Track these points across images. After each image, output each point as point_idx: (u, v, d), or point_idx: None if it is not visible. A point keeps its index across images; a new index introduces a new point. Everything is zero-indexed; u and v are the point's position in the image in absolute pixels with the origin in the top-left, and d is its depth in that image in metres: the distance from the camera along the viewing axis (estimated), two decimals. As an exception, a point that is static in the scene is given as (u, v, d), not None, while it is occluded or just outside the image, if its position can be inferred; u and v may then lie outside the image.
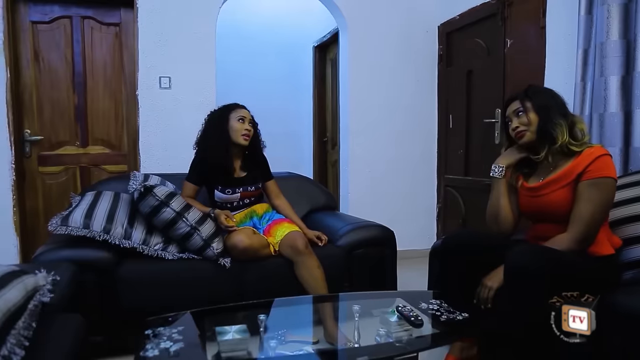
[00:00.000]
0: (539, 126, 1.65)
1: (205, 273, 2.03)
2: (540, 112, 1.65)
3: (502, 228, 1.79)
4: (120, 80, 3.08)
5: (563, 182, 1.62)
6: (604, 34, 2.17)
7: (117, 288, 1.91)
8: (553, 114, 1.62)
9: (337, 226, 2.46)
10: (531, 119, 1.66)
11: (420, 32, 3.66)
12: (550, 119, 1.62)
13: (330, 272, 2.19)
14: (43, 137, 2.95)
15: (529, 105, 1.67)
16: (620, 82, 2.14)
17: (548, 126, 1.62)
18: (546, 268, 1.39)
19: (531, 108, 1.66)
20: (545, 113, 1.64)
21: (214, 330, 1.27)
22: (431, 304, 1.44)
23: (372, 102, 3.58)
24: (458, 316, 1.34)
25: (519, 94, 1.72)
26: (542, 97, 1.67)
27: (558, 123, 1.61)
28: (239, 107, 2.29)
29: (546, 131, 1.63)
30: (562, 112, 1.64)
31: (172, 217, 2.00)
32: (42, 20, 2.88)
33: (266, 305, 1.69)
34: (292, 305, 1.69)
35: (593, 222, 1.54)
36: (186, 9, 3.07)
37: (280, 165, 4.09)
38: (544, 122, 1.63)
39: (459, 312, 1.37)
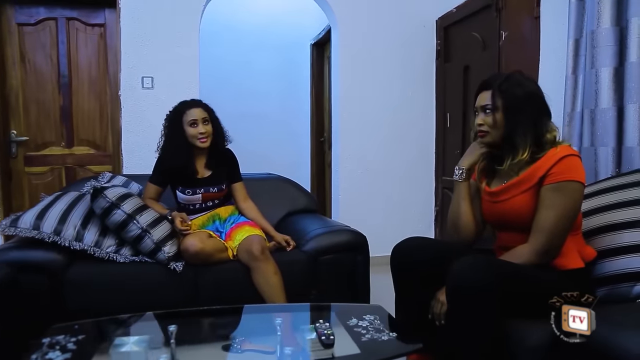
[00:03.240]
0: (505, 132, 1.43)
1: (156, 277, 1.96)
2: (508, 115, 1.42)
3: (463, 236, 1.62)
4: (105, 80, 3.08)
5: (524, 186, 1.43)
6: (595, 22, 1.95)
7: (63, 290, 1.87)
8: (522, 123, 1.40)
9: (307, 230, 2.34)
10: (497, 121, 1.44)
11: (417, 26, 3.49)
12: (516, 128, 1.40)
13: (293, 279, 2.08)
14: (29, 138, 2.99)
15: (500, 104, 1.43)
16: (613, 74, 1.92)
17: (512, 135, 1.42)
18: (492, 284, 1.23)
19: (500, 108, 1.43)
20: (513, 119, 1.41)
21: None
22: (363, 320, 1.30)
23: (366, 100, 3.44)
24: (384, 336, 1.20)
25: (493, 83, 1.47)
26: (516, 97, 1.42)
27: (523, 137, 1.39)
28: (190, 108, 2.14)
29: (510, 141, 1.42)
30: (534, 120, 1.41)
31: (123, 219, 1.95)
32: (27, 22, 2.93)
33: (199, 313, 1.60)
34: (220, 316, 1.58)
35: (556, 231, 1.36)
36: (169, 9, 3.04)
37: (277, 166, 4.02)
38: (510, 129, 1.42)
39: (388, 331, 1.23)
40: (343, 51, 3.39)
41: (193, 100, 2.21)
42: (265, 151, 4.26)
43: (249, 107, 4.26)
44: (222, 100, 4.20)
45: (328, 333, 1.13)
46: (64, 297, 1.88)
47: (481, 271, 1.21)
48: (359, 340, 1.17)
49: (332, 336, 1.13)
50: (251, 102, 4.27)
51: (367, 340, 1.17)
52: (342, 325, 1.27)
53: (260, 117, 4.30)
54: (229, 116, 4.11)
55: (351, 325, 1.26)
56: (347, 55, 3.40)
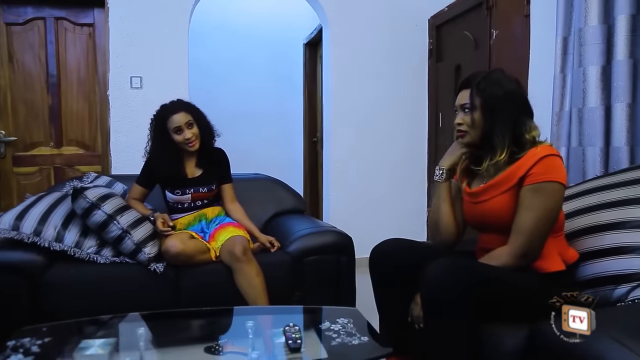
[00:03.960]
0: (483, 132, 1.40)
1: (137, 278, 1.94)
2: (487, 115, 1.39)
3: (444, 238, 1.59)
4: (94, 80, 3.07)
5: (503, 187, 1.40)
6: (582, 19, 1.92)
7: (42, 292, 1.85)
8: (500, 123, 1.36)
9: (292, 231, 2.31)
10: (476, 121, 1.40)
11: (409, 25, 3.46)
12: (494, 128, 1.37)
13: (277, 281, 2.06)
14: (17, 138, 2.98)
15: (478, 102, 1.40)
16: (601, 72, 1.88)
17: (490, 135, 1.38)
18: (465, 287, 1.19)
19: (479, 107, 1.40)
20: (492, 118, 1.38)
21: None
22: (336, 324, 1.27)
23: (357, 100, 3.41)
24: (354, 340, 1.17)
25: (472, 81, 1.44)
26: (495, 96, 1.38)
27: (501, 137, 1.36)
28: (172, 114, 2.10)
29: (489, 140, 1.39)
30: (513, 119, 1.37)
31: (103, 220, 1.93)
32: (16, 22, 2.92)
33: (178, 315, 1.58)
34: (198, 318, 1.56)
35: (536, 233, 1.32)
36: (158, 9, 3.02)
37: (270, 166, 3.99)
38: (488, 129, 1.38)
39: (359, 335, 1.20)
40: (334, 51, 3.37)
41: (174, 104, 2.17)
42: (259, 151, 4.24)
43: (242, 107, 4.24)
44: (214, 100, 4.20)
45: (296, 337, 1.11)
46: (42, 298, 1.86)
47: (454, 274, 1.18)
48: (329, 344, 1.14)
49: (300, 340, 1.10)
50: (244, 102, 4.25)
51: (336, 344, 1.14)
52: (314, 329, 1.24)
53: (253, 117, 4.28)
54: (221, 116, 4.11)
55: (323, 329, 1.24)
56: (339, 55, 3.38)
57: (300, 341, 1.10)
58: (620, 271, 1.31)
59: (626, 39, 1.77)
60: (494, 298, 1.23)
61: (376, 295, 1.58)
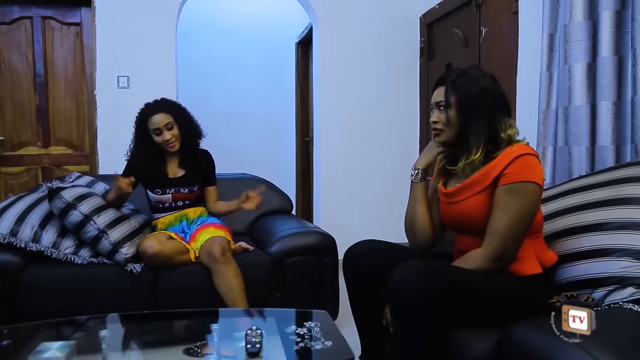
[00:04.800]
0: (458, 130, 1.36)
1: (114, 279, 1.92)
2: (462, 113, 1.34)
3: (419, 239, 1.55)
4: (81, 80, 3.05)
5: (478, 187, 1.35)
6: (567, 15, 1.87)
7: (18, 293, 1.83)
8: (475, 121, 1.32)
9: (276, 231, 2.28)
10: (451, 119, 1.36)
11: (400, 24, 3.42)
12: (469, 126, 1.33)
13: (257, 282, 2.03)
14: (4, 138, 2.96)
15: (453, 100, 1.36)
16: (586, 69, 1.83)
17: (465, 134, 1.34)
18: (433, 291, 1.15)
19: (454, 105, 1.36)
20: (466, 116, 1.33)
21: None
22: (302, 327, 1.24)
23: (348, 99, 3.38)
24: (317, 345, 1.14)
25: (447, 78, 1.40)
26: (470, 93, 1.33)
27: (476, 135, 1.32)
28: (153, 114, 2.09)
29: (464, 139, 1.35)
30: (488, 117, 1.32)
31: (80, 220, 1.91)
32: (2, 21, 2.91)
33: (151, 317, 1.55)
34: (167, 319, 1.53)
35: (511, 235, 1.27)
36: (144, 8, 3.00)
37: (262, 165, 3.97)
38: (463, 127, 1.34)
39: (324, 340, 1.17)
40: (324, 49, 3.34)
41: (156, 103, 2.15)
42: (251, 151, 4.21)
43: (234, 107, 4.21)
44: (206, 100, 4.19)
45: (255, 341, 1.08)
46: (19, 300, 1.84)
47: (420, 276, 1.14)
48: (290, 349, 1.11)
49: (259, 344, 1.07)
50: (236, 102, 4.22)
51: (298, 349, 1.11)
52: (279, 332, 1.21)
53: (245, 117, 4.25)
54: (213, 115, 4.13)
55: (288, 332, 1.20)
56: (329, 54, 3.34)
57: (260, 345, 1.07)
58: (598, 274, 1.27)
59: (611, 35, 1.72)
60: (463, 302, 1.19)
61: (350, 298, 1.54)
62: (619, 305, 1.16)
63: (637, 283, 1.18)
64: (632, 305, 1.13)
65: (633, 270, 1.20)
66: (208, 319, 1.41)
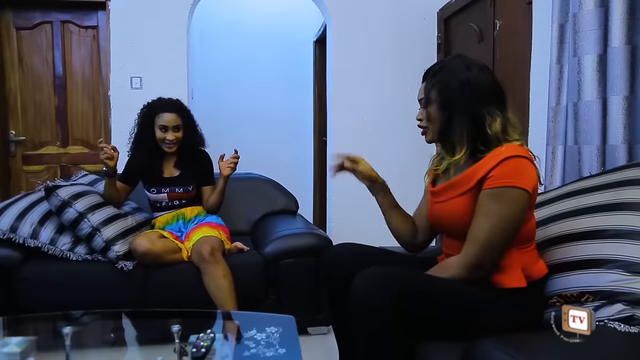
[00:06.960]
0: (439, 127, 1.27)
1: (106, 276, 1.96)
2: (442, 109, 1.25)
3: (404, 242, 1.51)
4: (98, 81, 3.15)
5: (461, 188, 1.25)
6: (577, 3, 1.72)
7: (15, 287, 1.90)
8: (455, 116, 1.22)
9: (273, 232, 2.25)
10: (432, 116, 1.27)
11: (417, 19, 3.30)
12: (450, 122, 1.23)
13: (249, 283, 2.01)
14: (26, 138, 3.10)
15: (434, 96, 1.26)
16: (597, 62, 1.67)
17: (447, 131, 1.25)
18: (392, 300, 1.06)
19: (434, 101, 1.26)
20: (447, 112, 1.24)
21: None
22: (262, 332, 1.19)
23: (362, 98, 3.29)
24: (270, 352, 1.09)
25: (429, 73, 1.32)
26: (449, 86, 1.23)
27: (459, 133, 1.22)
28: (163, 111, 2.11)
29: (447, 137, 1.27)
30: (470, 112, 1.20)
31: (75, 217, 1.95)
32: (25, 26, 3.04)
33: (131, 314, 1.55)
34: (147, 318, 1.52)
35: (490, 244, 1.16)
36: (157, 10, 3.04)
37: (280, 166, 3.95)
38: (444, 124, 1.25)
39: (278, 347, 1.12)
40: (337, 47, 3.27)
41: (171, 103, 2.17)
42: (268, 151, 4.19)
43: (252, 106, 4.21)
44: (224, 99, 4.21)
45: (203, 345, 1.04)
46: (17, 294, 1.91)
47: (376, 284, 1.07)
48: (240, 355, 1.07)
49: (204, 349, 1.03)
50: (254, 101, 4.21)
51: (247, 355, 1.07)
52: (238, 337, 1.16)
53: (262, 116, 4.24)
54: (230, 115, 4.15)
55: (245, 338, 1.16)
56: (342, 51, 3.27)
57: (205, 350, 1.03)
58: (584, 288, 1.14)
59: (622, 22, 1.56)
60: (427, 312, 1.10)
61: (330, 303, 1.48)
62: (603, 323, 1.04)
63: (626, 299, 1.05)
64: (617, 324, 1.01)
65: (623, 284, 1.07)
66: (177, 319, 1.39)
